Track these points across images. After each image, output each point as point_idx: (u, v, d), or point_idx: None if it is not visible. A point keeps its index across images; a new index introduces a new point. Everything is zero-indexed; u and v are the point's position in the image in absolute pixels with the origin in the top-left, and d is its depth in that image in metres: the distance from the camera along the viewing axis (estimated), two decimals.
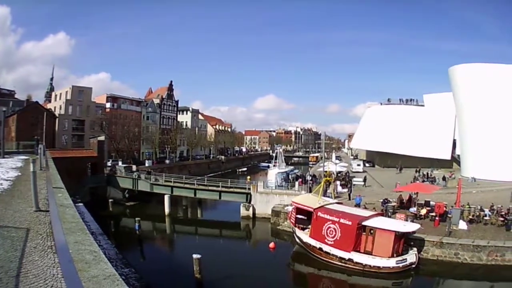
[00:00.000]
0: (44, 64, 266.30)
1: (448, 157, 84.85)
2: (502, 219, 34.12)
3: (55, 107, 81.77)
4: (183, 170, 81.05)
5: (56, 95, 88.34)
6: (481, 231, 32.42)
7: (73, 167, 46.87)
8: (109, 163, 67.15)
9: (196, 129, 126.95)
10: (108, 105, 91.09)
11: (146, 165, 78.80)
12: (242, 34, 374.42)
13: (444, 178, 60.54)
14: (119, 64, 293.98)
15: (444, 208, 36.92)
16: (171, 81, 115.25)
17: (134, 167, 67.22)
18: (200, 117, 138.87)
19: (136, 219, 40.48)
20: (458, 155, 79.89)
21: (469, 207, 37.32)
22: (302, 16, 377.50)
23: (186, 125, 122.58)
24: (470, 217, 35.49)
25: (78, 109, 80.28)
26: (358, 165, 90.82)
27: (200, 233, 47.20)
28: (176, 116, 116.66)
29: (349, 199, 43.73)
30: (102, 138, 61.97)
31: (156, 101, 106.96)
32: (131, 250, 35.90)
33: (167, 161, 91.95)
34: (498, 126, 64.08)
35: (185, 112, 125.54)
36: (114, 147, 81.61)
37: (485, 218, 35.36)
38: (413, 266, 28.21)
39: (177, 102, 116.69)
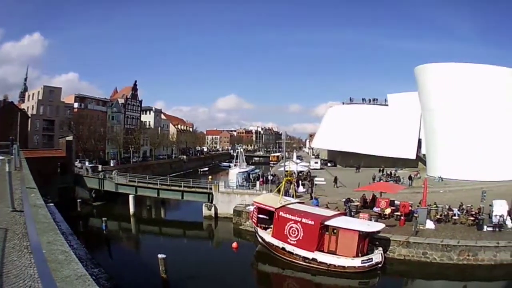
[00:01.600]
0: (21, 64, 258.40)
1: (413, 156, 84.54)
2: (472, 218, 33.76)
3: (28, 107, 79.98)
4: (146, 170, 79.98)
5: (29, 95, 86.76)
6: (450, 231, 31.96)
7: (44, 167, 45.96)
8: (77, 163, 65.82)
9: (159, 129, 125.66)
10: (76, 105, 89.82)
11: (111, 165, 78.05)
12: (203, 34, 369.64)
13: (410, 178, 60.41)
14: (87, 64, 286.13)
15: (410, 208, 36.46)
16: (136, 81, 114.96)
17: (100, 167, 66.10)
18: (163, 117, 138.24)
19: (103, 219, 39.95)
20: (424, 155, 79.37)
21: (437, 207, 37.07)
22: (263, 16, 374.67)
23: (149, 125, 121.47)
24: (438, 216, 35.17)
25: (49, 109, 79.24)
26: (316, 162, 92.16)
27: (164, 233, 46.67)
28: (140, 116, 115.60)
29: (311, 198, 42.85)
30: (70, 138, 60.85)
31: (121, 101, 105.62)
32: (99, 250, 35.05)
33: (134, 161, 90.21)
34: (465, 125, 63.51)
35: (148, 112, 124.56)
36: (81, 147, 79.92)
37: (454, 217, 35.02)
38: (379, 265, 27.71)
39: (140, 102, 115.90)
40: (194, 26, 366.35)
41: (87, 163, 68.15)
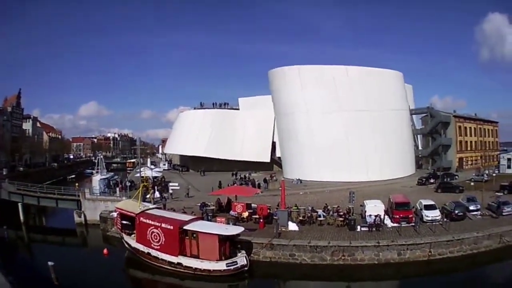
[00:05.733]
0: None
1: (268, 159, 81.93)
2: (341, 219, 32.38)
3: None
4: (26, 178, 76.52)
5: None
6: (318, 232, 30.57)
7: None
8: None
9: (36, 137, 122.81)
10: None
11: (4, 173, 75.79)
12: (65, 37, 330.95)
13: (265, 180, 57.92)
14: None
15: (268, 210, 35.04)
16: (20, 89, 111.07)
17: None
18: (38, 124, 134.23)
19: (4, 227, 39.70)
20: (279, 157, 77.29)
21: (298, 208, 35.40)
22: (120, 20, 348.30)
23: (28, 133, 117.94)
24: (301, 218, 33.63)
25: None
26: (164, 164, 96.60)
27: (50, 240, 45.09)
28: (21, 124, 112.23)
29: (164, 208, 38.79)
30: None
31: (9, 109, 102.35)
32: (4, 257, 32.41)
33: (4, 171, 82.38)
34: (323, 127, 62.20)
35: (27, 120, 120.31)
36: None
37: (319, 219, 33.34)
38: (246, 268, 26.49)
39: (22, 110, 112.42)
40: (58, 29, 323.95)
41: None
